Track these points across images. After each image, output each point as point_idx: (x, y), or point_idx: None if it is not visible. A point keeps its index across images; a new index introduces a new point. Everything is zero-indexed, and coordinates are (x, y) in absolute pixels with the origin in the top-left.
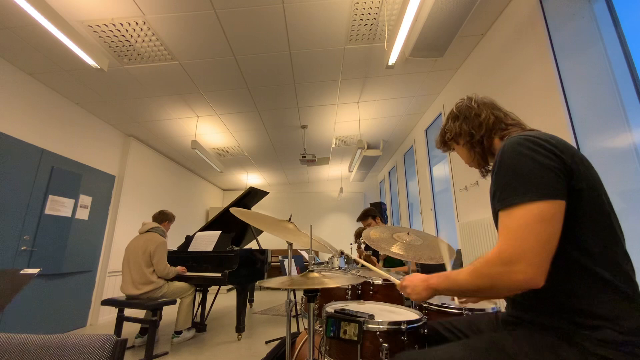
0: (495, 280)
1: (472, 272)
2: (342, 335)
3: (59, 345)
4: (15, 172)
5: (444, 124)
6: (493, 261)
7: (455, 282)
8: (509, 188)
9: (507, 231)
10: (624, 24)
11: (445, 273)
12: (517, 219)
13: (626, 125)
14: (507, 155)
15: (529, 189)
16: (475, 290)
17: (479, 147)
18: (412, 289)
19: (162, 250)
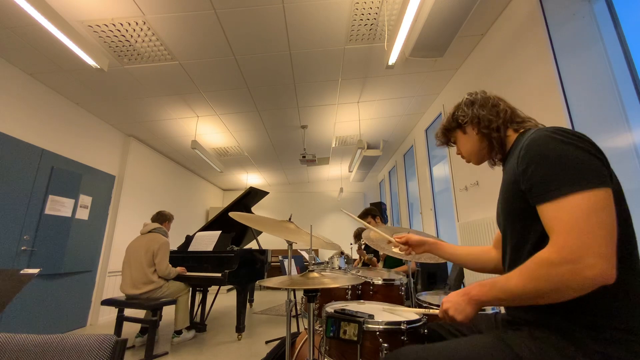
0: (561, 281)
1: (528, 277)
2: (342, 335)
3: (59, 345)
4: (15, 172)
5: (455, 110)
6: (553, 261)
7: (505, 290)
8: (555, 178)
9: (563, 224)
10: (624, 24)
11: (489, 281)
12: (573, 209)
13: (626, 125)
14: (544, 144)
15: (582, 176)
16: (533, 296)
17: (496, 135)
18: (455, 308)
19: (165, 250)
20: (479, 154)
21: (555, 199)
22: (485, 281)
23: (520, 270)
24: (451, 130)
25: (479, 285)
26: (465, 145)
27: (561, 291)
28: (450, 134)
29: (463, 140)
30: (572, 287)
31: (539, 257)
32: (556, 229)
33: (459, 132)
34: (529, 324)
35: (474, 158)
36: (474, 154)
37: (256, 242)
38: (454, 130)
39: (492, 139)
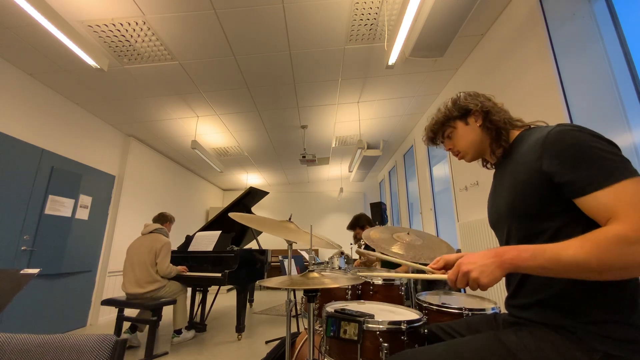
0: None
1: (593, 249)
2: (342, 335)
3: (59, 345)
4: (15, 172)
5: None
6: (630, 238)
7: (557, 260)
8: (606, 166)
9: (630, 206)
10: (624, 24)
11: (532, 247)
12: (635, 192)
13: (626, 125)
14: (583, 138)
15: (625, 165)
16: (595, 270)
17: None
18: (480, 270)
19: (167, 249)
20: (478, 147)
21: (612, 185)
22: (525, 245)
23: (583, 242)
24: (451, 120)
25: (517, 249)
26: (464, 137)
27: (629, 270)
28: (448, 124)
29: (462, 132)
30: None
31: (610, 232)
32: (625, 210)
33: (459, 123)
34: (531, 322)
35: (471, 152)
36: (472, 147)
37: (256, 242)
38: (454, 119)
39: (500, 129)
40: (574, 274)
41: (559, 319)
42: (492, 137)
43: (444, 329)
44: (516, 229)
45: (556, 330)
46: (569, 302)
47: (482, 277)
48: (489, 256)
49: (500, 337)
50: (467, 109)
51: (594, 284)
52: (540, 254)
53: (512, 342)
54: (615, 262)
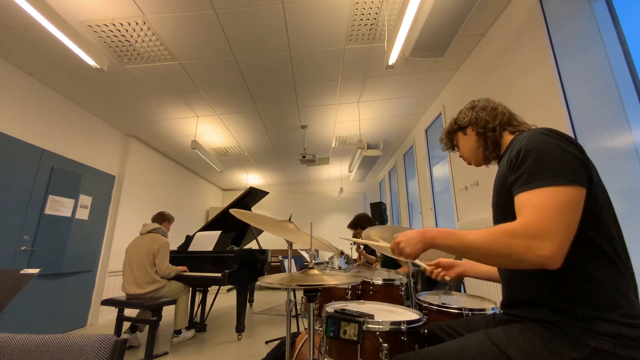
0: (514, 250)
1: (488, 236)
2: (342, 335)
3: (59, 345)
4: (15, 172)
5: (458, 114)
6: (516, 232)
7: (460, 241)
8: (537, 171)
9: (533, 207)
10: (624, 24)
11: (448, 229)
12: (546, 198)
13: (626, 125)
14: (534, 142)
15: (559, 173)
16: (485, 254)
17: (491, 135)
18: (407, 241)
19: (165, 250)
20: (476, 154)
21: (533, 189)
22: (445, 229)
23: (484, 230)
24: (453, 133)
25: (438, 230)
26: (465, 146)
27: (508, 258)
28: (452, 136)
29: (463, 142)
30: (519, 259)
31: (504, 226)
32: (526, 210)
33: (460, 134)
34: (523, 319)
35: (472, 158)
36: (472, 154)
37: (256, 242)
38: (455, 132)
39: (487, 138)
40: (473, 255)
41: (548, 315)
42: (483, 144)
43: (444, 329)
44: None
45: (545, 325)
46: (558, 301)
47: (407, 247)
48: (417, 233)
49: (491, 336)
50: (459, 124)
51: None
52: (451, 235)
53: (502, 341)
54: (499, 249)
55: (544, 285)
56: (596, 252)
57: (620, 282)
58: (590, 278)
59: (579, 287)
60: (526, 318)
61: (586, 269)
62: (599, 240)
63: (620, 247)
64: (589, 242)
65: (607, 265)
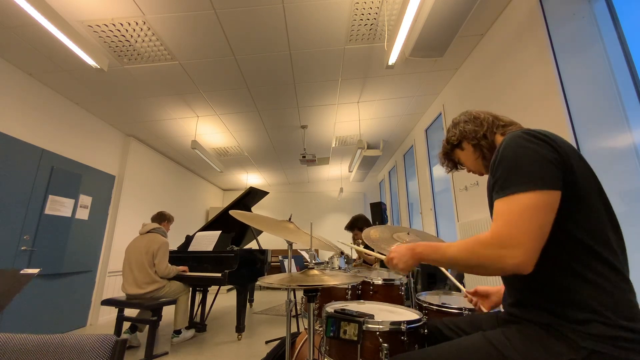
0: (486, 261)
1: (464, 249)
2: (342, 335)
3: (59, 345)
4: (15, 172)
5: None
6: (486, 242)
7: (443, 255)
8: (508, 178)
9: (502, 217)
10: (624, 24)
11: (434, 244)
12: (514, 206)
13: (626, 125)
14: (508, 147)
15: (528, 178)
16: (463, 266)
17: (485, 143)
18: (399, 258)
19: (164, 250)
20: (478, 164)
21: (504, 197)
22: (432, 243)
23: (461, 242)
24: (450, 153)
25: (425, 245)
26: (467, 160)
27: (484, 268)
28: (451, 156)
29: (464, 157)
30: (493, 268)
31: (477, 236)
32: (496, 219)
33: (458, 152)
34: (522, 320)
35: (480, 169)
36: (479, 165)
37: (256, 242)
38: (452, 152)
39: (482, 147)
40: (456, 267)
41: (546, 317)
42: (480, 154)
43: (448, 324)
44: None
45: (543, 327)
46: (554, 303)
47: (399, 263)
48: (408, 248)
49: (489, 338)
50: (452, 143)
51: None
52: (436, 250)
53: (501, 342)
54: (473, 260)
55: (541, 287)
56: (590, 254)
57: (617, 283)
58: (585, 280)
59: (574, 289)
60: (525, 319)
61: (580, 271)
62: (592, 242)
63: (618, 248)
64: (581, 244)
65: (602, 267)
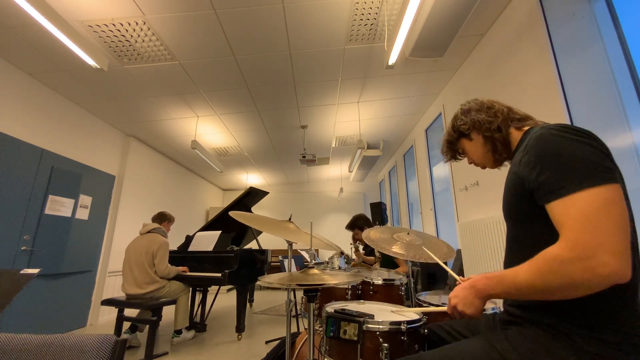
0: (573, 279)
1: (537, 272)
2: (342, 335)
3: (59, 345)
4: (15, 172)
5: (453, 122)
6: (566, 257)
7: (513, 285)
8: (564, 175)
9: (575, 221)
10: (624, 24)
11: (496, 274)
12: (584, 206)
13: (626, 125)
14: (552, 142)
15: (590, 173)
16: (544, 292)
17: (498, 136)
18: (463, 302)
19: (164, 250)
20: (487, 157)
21: (565, 196)
22: (492, 274)
23: (529, 265)
24: (455, 142)
25: (485, 278)
26: (474, 152)
27: (573, 288)
28: (455, 145)
29: (471, 148)
30: (585, 285)
31: (549, 253)
32: (567, 226)
33: (464, 141)
34: (524, 321)
35: (488, 162)
36: (484, 158)
37: (256, 242)
38: (457, 141)
39: (494, 139)
40: (532, 296)
41: (552, 319)
42: (492, 148)
43: (445, 328)
44: (510, 230)
45: (547, 330)
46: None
47: (465, 308)
48: (467, 287)
49: (491, 341)
50: (461, 131)
51: None
52: (503, 280)
53: (503, 346)
54: (556, 282)
55: None
56: None
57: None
58: None
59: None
60: (528, 320)
61: None
62: None
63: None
64: None
65: None
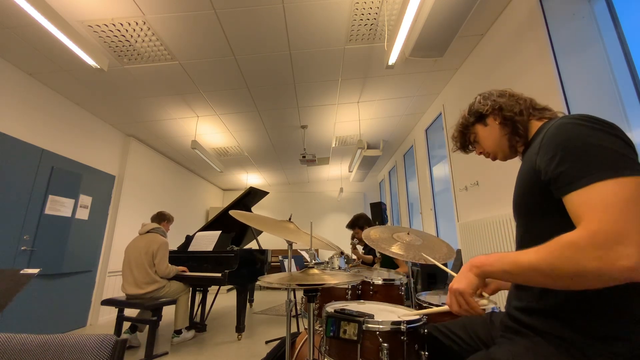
0: (586, 268)
1: (548, 255)
2: (341, 335)
3: (59, 345)
4: (15, 172)
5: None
6: (584, 244)
7: (515, 263)
8: (585, 165)
9: (597, 210)
10: (624, 24)
11: (496, 253)
12: (608, 195)
13: (626, 125)
14: (573, 131)
15: (615, 162)
16: (549, 276)
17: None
18: (457, 279)
19: (164, 250)
20: (505, 145)
21: (586, 186)
22: (495, 253)
23: (539, 248)
24: (470, 127)
25: (486, 255)
26: (488, 138)
27: (580, 277)
28: (469, 130)
29: (485, 133)
30: (596, 276)
31: (564, 238)
32: (587, 215)
33: (479, 127)
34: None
35: (499, 150)
36: (497, 146)
37: (256, 242)
38: (472, 125)
39: (515, 122)
40: (533, 278)
41: (563, 330)
42: (510, 131)
43: (441, 329)
44: (521, 224)
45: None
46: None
47: (457, 283)
48: (464, 265)
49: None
50: (480, 112)
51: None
52: (503, 257)
53: None
54: (565, 267)
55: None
56: None
57: None
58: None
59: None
60: (534, 329)
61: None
62: None
63: None
64: None
65: None
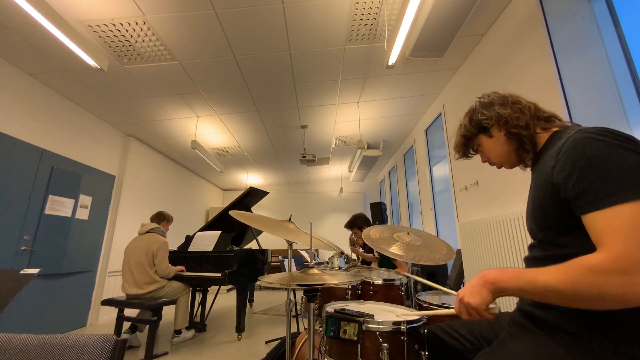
0: (608, 292)
1: (567, 277)
2: (341, 335)
3: (59, 345)
4: (15, 172)
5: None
6: (604, 268)
7: (531, 283)
8: (608, 184)
9: (620, 233)
10: (624, 24)
11: (514, 269)
12: (632, 217)
13: (626, 125)
14: (593, 148)
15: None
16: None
17: (526, 134)
18: (470, 292)
19: (164, 250)
20: (509, 157)
21: (609, 207)
22: (508, 269)
23: (557, 268)
24: (472, 138)
25: (499, 270)
26: (493, 150)
27: (601, 301)
28: (472, 142)
29: (490, 145)
30: (617, 301)
31: (585, 261)
32: (611, 237)
33: (482, 138)
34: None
35: (505, 162)
36: (505, 157)
37: (256, 242)
38: (475, 136)
39: (522, 137)
40: (549, 298)
41: (576, 328)
42: (518, 146)
43: (445, 329)
44: (537, 237)
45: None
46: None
47: (470, 298)
48: (476, 279)
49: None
50: (482, 125)
51: None
52: (520, 276)
53: None
54: (585, 291)
55: None
56: None
57: None
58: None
59: None
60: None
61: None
62: None
63: None
64: None
65: None
